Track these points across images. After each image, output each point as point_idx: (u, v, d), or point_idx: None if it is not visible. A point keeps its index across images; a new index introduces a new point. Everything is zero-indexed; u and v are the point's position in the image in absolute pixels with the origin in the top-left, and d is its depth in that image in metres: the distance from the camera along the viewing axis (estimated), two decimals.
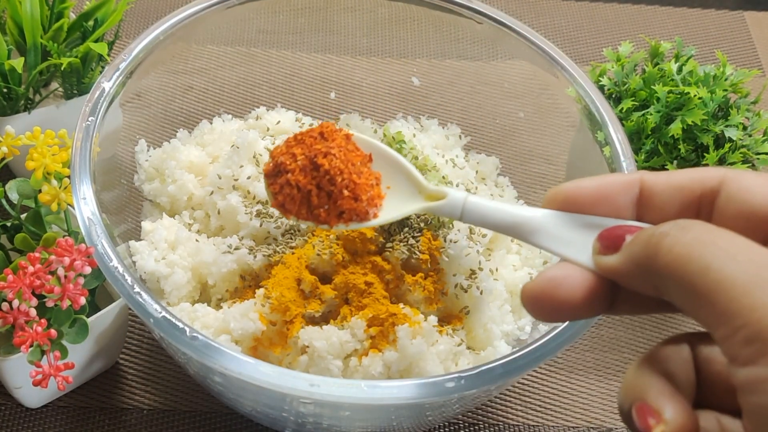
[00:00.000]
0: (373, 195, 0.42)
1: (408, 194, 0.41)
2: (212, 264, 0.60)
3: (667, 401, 0.29)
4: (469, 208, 0.37)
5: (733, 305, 0.26)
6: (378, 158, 0.43)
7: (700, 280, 0.27)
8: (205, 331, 0.56)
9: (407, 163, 0.42)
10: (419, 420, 0.61)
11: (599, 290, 0.32)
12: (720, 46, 0.97)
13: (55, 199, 0.55)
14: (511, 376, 0.50)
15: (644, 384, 0.30)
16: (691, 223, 0.29)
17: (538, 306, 0.32)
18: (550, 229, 0.34)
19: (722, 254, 0.27)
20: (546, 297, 0.32)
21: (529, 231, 0.35)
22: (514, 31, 0.68)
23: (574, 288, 0.32)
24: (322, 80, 0.82)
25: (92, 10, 0.71)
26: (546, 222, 0.35)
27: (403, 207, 0.41)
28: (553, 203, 0.34)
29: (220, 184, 0.63)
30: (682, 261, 0.28)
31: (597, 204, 0.33)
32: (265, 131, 0.69)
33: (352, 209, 0.41)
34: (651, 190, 0.33)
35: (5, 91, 0.67)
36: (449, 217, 0.38)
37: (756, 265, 0.26)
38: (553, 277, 0.32)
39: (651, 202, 0.33)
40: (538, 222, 0.35)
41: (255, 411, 0.60)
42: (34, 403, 0.63)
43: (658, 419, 0.29)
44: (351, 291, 0.58)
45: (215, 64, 0.78)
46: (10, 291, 0.50)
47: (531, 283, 0.32)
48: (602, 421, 0.67)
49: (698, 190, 0.32)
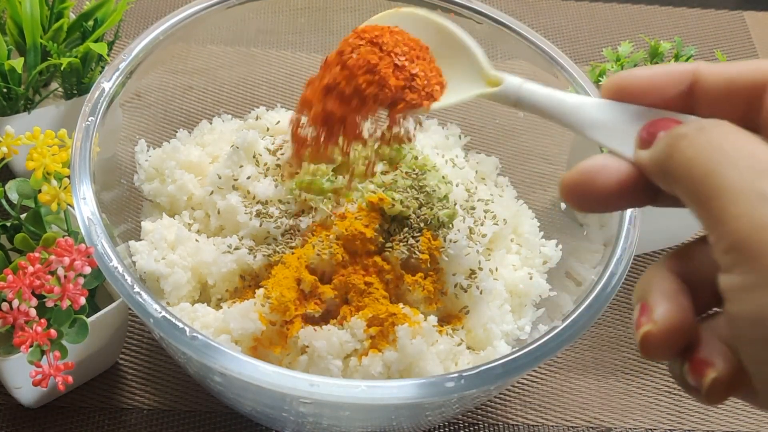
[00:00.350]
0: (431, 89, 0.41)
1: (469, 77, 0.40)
2: (212, 264, 0.60)
3: (663, 301, 0.29)
4: (523, 95, 0.37)
5: (722, 213, 0.26)
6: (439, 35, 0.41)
7: (701, 185, 0.27)
8: (205, 331, 0.56)
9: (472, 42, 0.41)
10: (419, 420, 0.61)
11: (638, 181, 0.31)
12: (720, 46, 0.97)
13: (55, 199, 0.55)
14: (511, 376, 0.50)
15: (652, 281, 0.30)
16: (711, 124, 0.28)
17: (576, 194, 0.31)
18: (600, 118, 0.34)
19: (725, 160, 0.27)
20: (583, 185, 0.31)
21: (579, 120, 0.34)
22: (514, 31, 0.68)
23: (611, 177, 0.31)
24: None
25: (92, 10, 0.71)
26: (597, 111, 0.34)
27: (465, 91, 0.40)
28: (605, 92, 0.34)
29: (220, 184, 0.63)
30: (689, 164, 0.27)
31: (648, 93, 0.33)
32: (265, 131, 0.69)
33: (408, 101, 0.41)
34: (704, 81, 0.32)
35: (5, 91, 0.67)
36: (504, 103, 0.38)
37: (753, 173, 0.26)
38: (592, 165, 0.31)
39: (702, 93, 0.32)
40: (588, 111, 0.34)
41: (255, 411, 0.60)
42: (34, 403, 0.63)
43: (648, 318, 0.29)
44: (351, 291, 0.58)
45: (215, 64, 0.78)
46: (10, 291, 0.50)
47: (569, 173, 0.31)
48: (601, 420, 0.67)
49: (748, 83, 0.31)
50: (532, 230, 0.68)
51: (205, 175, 0.66)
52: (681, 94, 0.32)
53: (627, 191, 0.31)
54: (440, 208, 0.61)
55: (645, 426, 0.67)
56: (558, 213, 0.70)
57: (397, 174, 0.62)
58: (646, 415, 0.67)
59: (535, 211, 0.70)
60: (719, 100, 0.31)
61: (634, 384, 0.70)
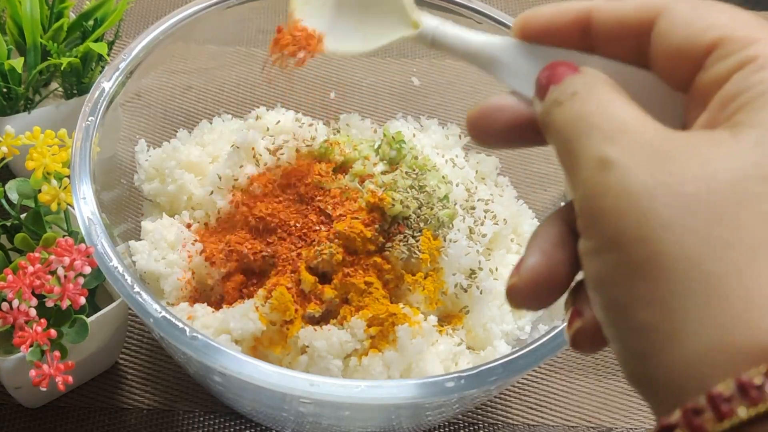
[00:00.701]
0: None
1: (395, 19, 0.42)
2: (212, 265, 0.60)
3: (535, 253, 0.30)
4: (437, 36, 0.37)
5: (574, 179, 0.27)
6: None
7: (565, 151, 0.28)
8: (205, 331, 0.56)
9: None
10: (419, 420, 0.61)
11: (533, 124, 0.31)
12: None
13: (55, 199, 0.55)
14: (511, 376, 0.50)
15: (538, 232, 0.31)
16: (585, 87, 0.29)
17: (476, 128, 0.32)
18: (508, 59, 0.34)
19: (585, 127, 0.27)
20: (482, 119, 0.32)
21: (489, 60, 0.34)
22: None
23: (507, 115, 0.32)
24: (322, 80, 0.82)
25: (92, 10, 0.71)
26: (505, 51, 0.34)
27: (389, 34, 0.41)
28: (514, 31, 0.34)
29: (220, 184, 0.63)
30: (559, 130, 0.28)
31: (550, 34, 0.32)
32: (265, 131, 0.69)
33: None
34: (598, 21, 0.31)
35: (5, 91, 0.67)
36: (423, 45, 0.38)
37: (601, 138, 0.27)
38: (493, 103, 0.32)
39: (597, 34, 0.31)
40: (498, 51, 0.34)
41: (255, 411, 0.60)
42: (34, 403, 0.63)
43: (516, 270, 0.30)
44: (351, 291, 0.58)
45: (215, 64, 0.78)
46: (10, 291, 0.50)
47: (473, 108, 0.32)
48: (601, 420, 0.67)
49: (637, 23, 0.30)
50: (532, 230, 0.68)
51: (205, 175, 0.66)
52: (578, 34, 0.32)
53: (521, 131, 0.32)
54: (440, 208, 0.62)
55: (645, 426, 0.67)
56: None
57: (397, 174, 0.62)
58: (647, 415, 0.67)
59: (535, 211, 0.70)
60: (612, 40, 0.31)
61: None
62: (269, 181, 0.62)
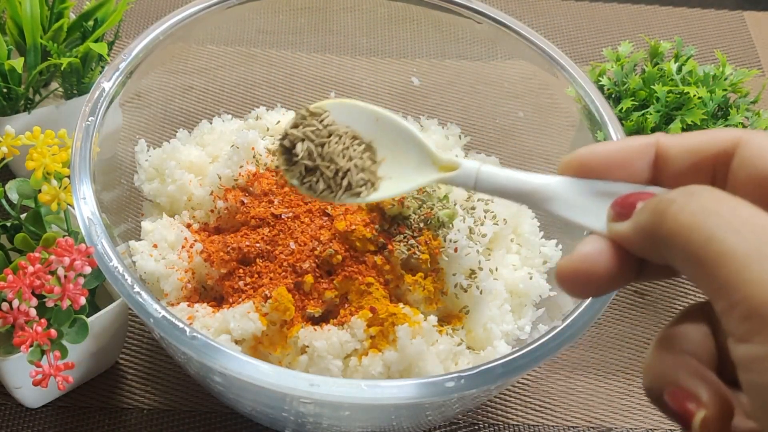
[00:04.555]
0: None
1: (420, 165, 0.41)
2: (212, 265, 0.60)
3: (700, 383, 0.29)
4: (482, 178, 0.37)
5: (732, 278, 0.26)
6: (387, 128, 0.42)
7: (702, 250, 0.26)
8: (205, 331, 0.56)
9: (418, 133, 0.41)
10: (419, 420, 0.61)
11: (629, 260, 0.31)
12: (720, 46, 0.97)
13: (55, 199, 0.55)
14: (511, 376, 0.50)
15: (672, 366, 0.30)
16: (700, 189, 0.28)
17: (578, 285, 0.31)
18: (566, 196, 0.34)
19: (725, 225, 0.26)
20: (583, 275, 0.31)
21: (543, 199, 0.35)
22: (514, 31, 0.68)
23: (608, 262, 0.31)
24: (322, 80, 0.82)
25: (92, 10, 0.71)
26: (561, 189, 0.34)
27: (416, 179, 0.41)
28: (568, 170, 0.34)
29: (220, 184, 0.63)
30: (686, 230, 0.27)
31: (612, 169, 0.33)
32: (265, 131, 0.69)
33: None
34: (666, 153, 0.32)
35: (5, 91, 0.67)
36: (463, 187, 0.38)
37: (758, 238, 0.26)
38: (588, 254, 0.31)
39: (666, 165, 0.32)
40: (552, 189, 0.34)
41: (255, 411, 0.60)
42: (34, 403, 0.63)
43: (698, 403, 0.28)
44: (351, 291, 0.58)
45: (215, 64, 0.78)
46: (10, 291, 0.50)
47: (566, 263, 0.31)
48: (602, 420, 0.67)
49: (713, 152, 0.31)
50: (532, 230, 0.68)
51: (205, 175, 0.66)
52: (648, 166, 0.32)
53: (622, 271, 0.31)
54: (440, 208, 0.62)
55: (646, 426, 0.67)
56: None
57: None
58: (647, 415, 0.67)
59: (535, 211, 0.70)
60: (684, 171, 0.31)
61: (635, 384, 0.69)
62: (269, 181, 0.62)
